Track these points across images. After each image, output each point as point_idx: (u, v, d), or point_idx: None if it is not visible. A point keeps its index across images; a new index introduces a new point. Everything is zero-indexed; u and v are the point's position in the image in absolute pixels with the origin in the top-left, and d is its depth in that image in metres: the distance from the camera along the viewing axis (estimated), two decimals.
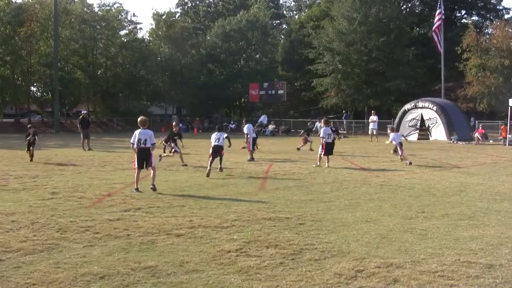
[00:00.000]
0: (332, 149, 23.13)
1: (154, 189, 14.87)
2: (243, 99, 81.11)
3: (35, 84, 74.54)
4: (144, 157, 15.18)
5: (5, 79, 66.41)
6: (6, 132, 57.98)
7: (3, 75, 66.80)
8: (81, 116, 34.09)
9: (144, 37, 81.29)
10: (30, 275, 7.55)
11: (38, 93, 77.07)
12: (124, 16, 77.08)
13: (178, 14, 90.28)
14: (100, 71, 75.91)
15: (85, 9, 74.12)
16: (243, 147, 27.66)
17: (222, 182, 17.59)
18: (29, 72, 68.91)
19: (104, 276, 7.53)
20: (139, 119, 15.70)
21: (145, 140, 15.17)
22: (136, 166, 15.23)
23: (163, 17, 77.96)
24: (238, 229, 10.41)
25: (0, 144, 36.67)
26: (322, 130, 23.03)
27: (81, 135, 32.33)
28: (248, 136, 26.25)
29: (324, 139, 22.32)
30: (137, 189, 14.97)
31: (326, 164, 22.28)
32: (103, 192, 15.11)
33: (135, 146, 15.21)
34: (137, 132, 15.25)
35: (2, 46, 64.82)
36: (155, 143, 15.64)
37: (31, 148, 24.84)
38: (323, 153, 22.54)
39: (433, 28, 55.03)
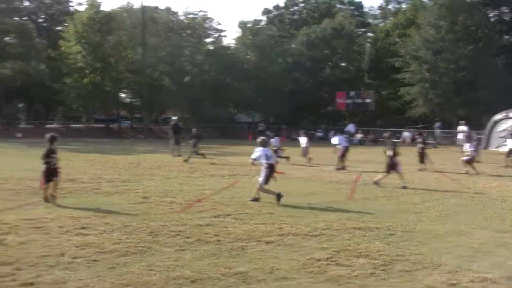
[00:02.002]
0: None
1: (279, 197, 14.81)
2: (329, 108, 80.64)
3: (124, 90, 76.26)
4: (272, 171, 15.20)
5: (95, 86, 68.12)
6: (96, 137, 59.53)
7: (93, 81, 68.53)
8: (173, 123, 34.57)
9: (229, 45, 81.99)
10: (124, 276, 7.73)
11: (127, 99, 78.80)
12: (209, 24, 77.91)
13: (263, 22, 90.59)
14: (187, 78, 76.86)
15: (171, 17, 75.36)
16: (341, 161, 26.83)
17: (311, 191, 17.56)
18: (118, 78, 70.45)
19: (196, 280, 7.63)
20: (259, 140, 15.75)
21: (270, 156, 15.23)
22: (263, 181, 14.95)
23: (249, 25, 78.47)
24: (328, 238, 10.36)
25: (91, 149, 37.59)
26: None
27: (172, 141, 32.76)
28: (340, 145, 26.13)
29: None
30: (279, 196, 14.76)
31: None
32: (193, 197, 15.30)
33: (262, 161, 15.09)
34: (258, 149, 15.20)
35: (92, 54, 66.52)
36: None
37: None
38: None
39: None
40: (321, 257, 8.83)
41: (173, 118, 36.93)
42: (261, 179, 14.82)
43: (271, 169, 15.03)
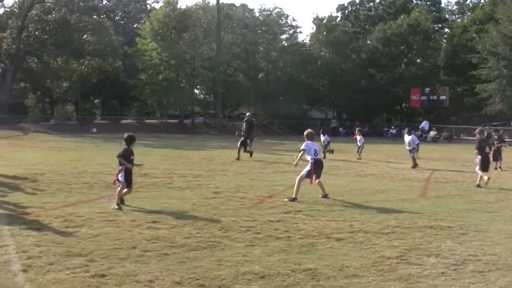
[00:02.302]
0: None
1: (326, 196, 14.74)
2: (404, 104, 79.63)
3: (198, 86, 77.13)
4: (321, 168, 15.04)
5: (170, 82, 69.12)
6: (170, 133, 60.34)
7: (168, 78, 69.56)
8: (245, 119, 34.64)
9: (304, 41, 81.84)
10: (193, 271, 7.74)
11: (201, 96, 79.60)
12: (284, 20, 77.92)
13: (338, 19, 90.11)
14: (261, 74, 77.09)
15: (246, 14, 75.70)
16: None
17: (382, 188, 17.33)
18: (193, 75, 71.38)
19: (265, 276, 7.58)
20: (307, 132, 15.26)
21: (318, 151, 15.06)
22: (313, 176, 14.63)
23: (324, 21, 78.16)
24: (399, 236, 10.17)
25: (165, 144, 38.07)
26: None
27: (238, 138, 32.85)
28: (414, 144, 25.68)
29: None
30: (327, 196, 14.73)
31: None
32: (264, 193, 15.31)
33: (309, 156, 14.78)
34: (309, 143, 14.95)
35: (168, 50, 67.45)
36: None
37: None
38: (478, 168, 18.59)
39: None
40: (392, 255, 8.66)
41: (247, 114, 36.97)
42: (304, 171, 14.56)
43: (317, 164, 14.72)
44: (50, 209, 12.17)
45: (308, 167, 14.60)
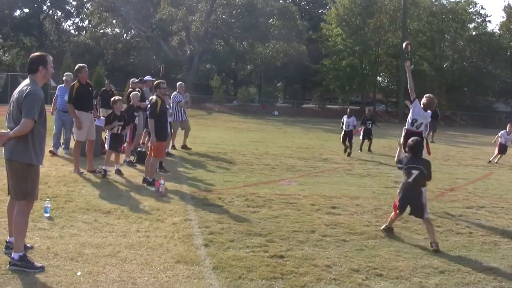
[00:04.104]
0: None
1: None
2: None
3: (381, 74, 76.40)
4: None
5: (353, 68, 69.13)
6: None
7: (351, 64, 69.59)
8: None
9: (493, 30, 78.56)
10: (371, 259, 7.71)
11: (384, 83, 78.81)
12: (472, 8, 75.07)
13: None
14: (446, 64, 74.97)
15: (433, 1, 73.73)
16: None
17: None
18: (376, 62, 70.83)
19: (444, 271, 7.42)
20: None
21: None
22: None
23: None
24: None
25: None
26: None
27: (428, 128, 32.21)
28: None
29: None
30: None
31: None
32: (446, 186, 14.92)
33: None
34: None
35: (352, 37, 67.45)
36: None
37: None
38: None
39: None
40: None
41: None
42: None
43: None
44: (231, 187, 12.57)
45: None
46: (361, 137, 23.69)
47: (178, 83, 19.93)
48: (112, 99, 13.50)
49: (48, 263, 6.68)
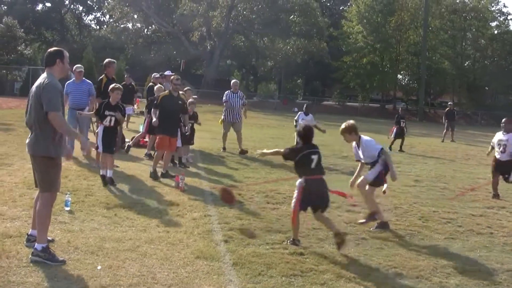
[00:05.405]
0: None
1: None
2: None
3: (402, 72, 76.08)
4: None
5: (374, 66, 68.91)
6: (370, 116, 59.97)
7: (372, 61, 69.35)
8: (447, 109, 33.82)
9: None
10: (391, 258, 7.69)
11: (404, 81, 78.48)
12: (495, 6, 74.46)
13: None
14: (467, 62, 74.50)
15: None
16: None
17: None
18: (397, 60, 70.56)
19: (464, 271, 7.36)
20: None
21: None
22: None
23: None
24: None
25: (366, 128, 37.72)
26: None
27: (445, 126, 32.07)
28: None
29: None
30: None
31: None
32: (466, 185, 14.80)
33: None
34: None
35: (373, 34, 67.25)
36: None
37: None
38: None
39: None
40: None
41: (449, 103, 36.03)
42: None
43: None
44: (251, 184, 12.57)
45: None
46: (393, 136, 23.62)
47: (232, 81, 19.59)
48: (111, 86, 12.46)
49: (69, 256, 6.72)
